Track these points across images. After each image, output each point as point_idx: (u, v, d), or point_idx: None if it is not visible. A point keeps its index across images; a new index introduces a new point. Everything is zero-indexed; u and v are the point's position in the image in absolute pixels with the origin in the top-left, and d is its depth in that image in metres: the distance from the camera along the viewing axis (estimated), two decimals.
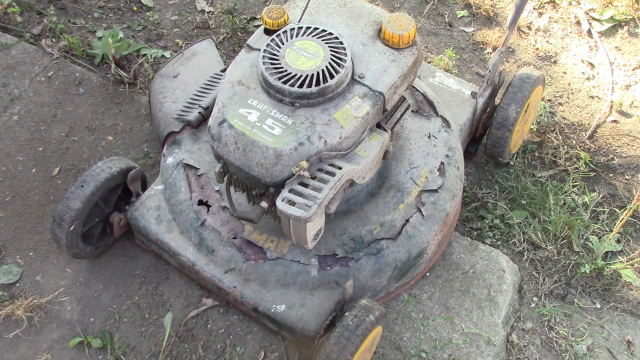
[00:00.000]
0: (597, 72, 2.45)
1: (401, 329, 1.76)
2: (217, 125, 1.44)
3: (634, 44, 2.53)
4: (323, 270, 1.63)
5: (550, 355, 1.77)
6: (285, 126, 1.40)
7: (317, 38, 1.50)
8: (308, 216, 1.31)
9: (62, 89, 2.31)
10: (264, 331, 1.75)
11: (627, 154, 2.21)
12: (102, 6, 2.61)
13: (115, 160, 1.75)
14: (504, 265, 1.87)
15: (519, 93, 1.93)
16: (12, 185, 2.05)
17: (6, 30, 2.47)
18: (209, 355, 1.72)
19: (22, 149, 2.14)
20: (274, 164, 1.39)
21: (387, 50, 1.53)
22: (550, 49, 2.53)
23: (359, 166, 1.44)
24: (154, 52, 2.42)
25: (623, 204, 2.08)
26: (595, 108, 2.34)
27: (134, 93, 2.31)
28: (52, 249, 1.90)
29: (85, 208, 1.66)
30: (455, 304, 1.80)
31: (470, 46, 2.54)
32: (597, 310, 1.87)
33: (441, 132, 1.87)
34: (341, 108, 1.43)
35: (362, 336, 1.44)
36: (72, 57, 2.40)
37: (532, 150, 2.21)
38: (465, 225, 2.03)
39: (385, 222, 1.69)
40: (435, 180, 1.78)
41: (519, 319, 1.84)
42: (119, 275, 1.84)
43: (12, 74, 2.33)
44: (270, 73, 1.44)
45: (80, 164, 2.11)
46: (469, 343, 1.74)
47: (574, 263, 1.93)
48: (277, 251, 1.65)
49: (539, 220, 2.01)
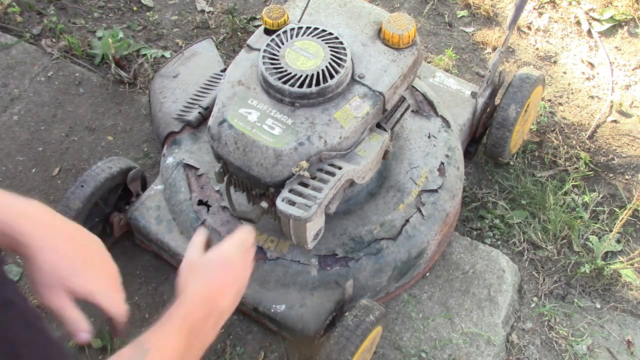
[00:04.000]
0: (597, 72, 2.45)
1: (401, 329, 1.76)
2: (217, 125, 1.44)
3: (634, 44, 2.53)
4: (323, 270, 1.63)
5: (550, 355, 1.78)
6: (285, 126, 1.40)
7: (317, 38, 1.50)
8: (308, 216, 1.31)
9: (62, 89, 2.31)
10: (264, 331, 1.75)
11: (627, 154, 2.21)
12: (102, 6, 2.61)
13: (115, 160, 1.75)
14: (504, 265, 1.88)
15: (519, 93, 1.93)
16: (12, 185, 2.05)
17: (6, 30, 2.47)
18: (209, 355, 1.72)
19: (22, 149, 2.14)
20: (274, 164, 1.39)
21: (387, 50, 1.53)
22: (550, 49, 2.53)
23: (359, 166, 1.44)
24: (154, 52, 2.42)
25: (623, 204, 2.08)
26: (595, 108, 2.34)
27: (134, 93, 2.31)
28: None
29: (85, 208, 1.66)
30: (455, 304, 1.80)
31: (470, 46, 2.54)
32: (597, 310, 1.87)
33: (441, 132, 1.87)
34: (341, 108, 1.43)
35: (362, 336, 1.44)
36: (72, 57, 2.40)
37: (532, 150, 2.21)
38: (465, 225, 2.03)
39: (385, 222, 1.69)
40: (435, 180, 1.78)
41: (519, 319, 1.84)
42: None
43: (12, 74, 2.33)
44: (270, 73, 1.44)
45: (80, 164, 2.11)
46: (469, 343, 1.74)
47: (574, 263, 1.93)
48: (277, 251, 1.65)
49: (539, 220, 2.01)
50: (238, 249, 1.12)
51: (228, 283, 1.07)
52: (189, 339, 0.97)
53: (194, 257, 1.09)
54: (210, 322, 1.02)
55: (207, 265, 1.07)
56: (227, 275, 1.07)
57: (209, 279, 1.05)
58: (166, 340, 0.94)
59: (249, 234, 1.16)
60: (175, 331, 0.96)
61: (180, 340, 0.95)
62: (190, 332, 0.97)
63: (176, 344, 0.95)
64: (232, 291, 1.07)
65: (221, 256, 1.09)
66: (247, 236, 1.15)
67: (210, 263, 1.08)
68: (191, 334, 0.97)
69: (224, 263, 1.08)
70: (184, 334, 0.96)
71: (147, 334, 0.94)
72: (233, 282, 1.08)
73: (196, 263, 1.08)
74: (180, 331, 0.96)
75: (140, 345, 0.92)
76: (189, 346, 0.96)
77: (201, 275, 1.06)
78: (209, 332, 1.02)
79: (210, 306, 1.02)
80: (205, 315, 1.01)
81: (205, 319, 1.01)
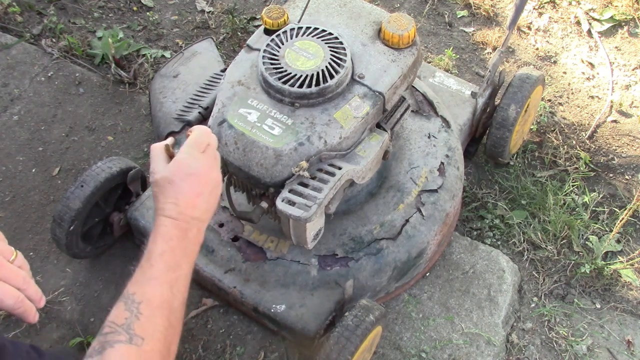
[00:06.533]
0: (597, 72, 2.45)
1: (401, 329, 1.76)
2: (217, 126, 1.44)
3: (634, 44, 2.53)
4: (323, 270, 1.63)
5: (550, 355, 1.77)
6: (285, 126, 1.40)
7: (317, 38, 1.50)
8: (308, 216, 1.31)
9: (62, 89, 2.31)
10: (264, 331, 1.75)
11: (627, 154, 2.21)
12: (102, 6, 2.61)
13: (115, 160, 1.75)
14: (504, 265, 1.88)
15: (519, 93, 1.93)
16: (12, 185, 2.05)
17: (6, 30, 2.47)
18: (209, 355, 1.72)
19: (22, 149, 2.14)
20: (274, 164, 1.39)
21: (387, 50, 1.53)
22: (550, 49, 2.53)
23: (359, 166, 1.44)
24: (154, 52, 2.42)
25: (623, 204, 2.08)
26: (595, 108, 2.34)
27: (134, 93, 2.31)
28: (52, 249, 1.90)
29: (85, 208, 1.66)
30: (455, 304, 1.80)
31: (470, 46, 2.54)
32: (597, 310, 1.87)
33: (441, 132, 1.87)
34: (341, 108, 1.43)
35: (362, 336, 1.44)
36: (72, 57, 2.40)
37: (532, 150, 2.21)
38: (465, 225, 2.03)
39: (385, 222, 1.69)
40: (435, 180, 1.78)
41: (519, 319, 1.84)
42: (119, 276, 1.84)
43: (12, 74, 2.33)
44: (270, 73, 1.44)
45: (80, 164, 2.11)
46: (469, 343, 1.74)
47: (574, 263, 1.93)
48: (277, 251, 1.65)
49: (539, 220, 2.01)
50: (195, 153, 1.15)
51: (195, 194, 1.11)
52: (174, 271, 1.03)
53: (158, 173, 1.13)
54: (191, 234, 1.09)
55: (171, 183, 1.11)
56: (192, 188, 1.11)
57: (175, 198, 1.09)
58: (152, 287, 1.01)
59: (200, 131, 1.19)
60: (158, 274, 1.02)
61: (164, 281, 1.02)
62: (172, 265, 1.03)
63: (162, 286, 1.02)
64: (202, 199, 1.12)
65: (181, 170, 1.12)
66: (199, 136, 1.19)
67: (172, 179, 1.11)
68: (174, 266, 1.04)
69: (186, 176, 1.11)
70: (167, 272, 1.03)
71: (133, 284, 1.00)
72: (200, 190, 1.12)
73: (162, 181, 1.11)
74: (163, 271, 1.02)
75: (130, 300, 0.98)
76: (175, 278, 1.03)
77: (167, 195, 1.10)
78: (193, 243, 1.09)
79: (184, 222, 1.08)
80: (182, 233, 1.07)
81: (184, 235, 1.07)
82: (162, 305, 1.01)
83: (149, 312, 0.98)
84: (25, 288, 0.98)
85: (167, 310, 1.01)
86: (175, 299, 1.03)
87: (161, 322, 1.00)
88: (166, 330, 1.00)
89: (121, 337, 0.94)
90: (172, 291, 1.03)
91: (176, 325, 1.03)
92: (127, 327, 0.95)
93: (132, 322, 0.96)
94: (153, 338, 0.97)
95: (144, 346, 0.95)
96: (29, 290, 0.99)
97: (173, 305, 1.03)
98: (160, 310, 1.00)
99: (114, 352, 0.93)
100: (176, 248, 1.06)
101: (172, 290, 1.03)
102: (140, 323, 0.96)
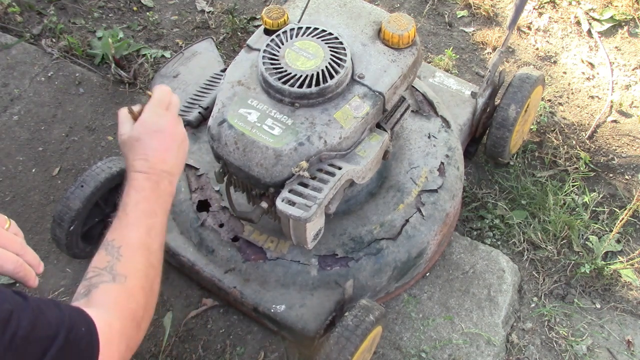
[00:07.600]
0: (597, 72, 2.45)
1: (401, 329, 1.76)
2: (217, 126, 1.44)
3: (634, 44, 2.53)
4: (323, 270, 1.63)
5: (550, 355, 1.78)
6: (285, 126, 1.40)
7: (317, 38, 1.50)
8: (308, 216, 1.31)
9: (62, 89, 2.31)
10: (264, 331, 1.75)
11: (627, 154, 2.21)
12: (102, 6, 2.61)
13: (115, 160, 1.75)
14: (504, 265, 1.88)
15: (519, 93, 1.93)
16: (12, 185, 2.05)
17: (6, 30, 2.47)
18: (209, 355, 1.72)
19: (22, 149, 2.14)
20: (274, 164, 1.39)
21: (387, 50, 1.53)
22: (550, 49, 2.53)
23: (359, 166, 1.44)
24: (154, 52, 2.42)
25: (623, 204, 2.08)
26: (595, 108, 2.34)
27: (134, 93, 2.31)
28: (52, 249, 1.90)
29: (85, 208, 1.66)
30: (455, 304, 1.80)
31: (470, 46, 2.54)
32: (597, 310, 1.87)
33: (441, 132, 1.87)
34: (341, 108, 1.43)
35: (362, 336, 1.44)
36: (72, 57, 2.40)
37: (532, 150, 2.21)
38: (465, 225, 2.03)
39: (385, 222, 1.69)
40: (435, 180, 1.78)
41: (519, 319, 1.84)
42: None
43: (12, 74, 2.33)
44: (270, 73, 1.44)
45: (80, 164, 2.11)
46: (469, 343, 1.74)
47: (574, 263, 1.93)
48: (277, 251, 1.65)
49: (539, 220, 2.01)
50: (159, 111, 1.21)
51: (164, 149, 1.17)
52: (149, 217, 1.10)
53: (125, 134, 1.19)
54: (162, 185, 1.15)
55: (139, 141, 1.16)
56: (161, 143, 1.17)
57: (144, 154, 1.15)
58: (130, 232, 1.07)
59: (162, 90, 1.24)
60: (134, 220, 1.09)
61: (141, 226, 1.08)
62: (147, 212, 1.10)
63: (140, 230, 1.08)
64: (171, 153, 1.18)
65: (148, 128, 1.18)
66: (160, 94, 1.24)
67: (140, 137, 1.17)
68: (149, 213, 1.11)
69: (153, 133, 1.17)
70: (143, 218, 1.09)
71: (112, 232, 1.06)
72: (168, 145, 1.18)
73: (129, 140, 1.17)
74: (139, 218, 1.09)
75: (110, 245, 1.04)
76: (151, 224, 1.10)
77: (136, 152, 1.16)
78: (165, 193, 1.16)
79: (155, 175, 1.14)
80: (154, 184, 1.13)
81: (155, 187, 1.14)
82: (141, 247, 1.06)
83: (129, 253, 1.04)
84: (23, 253, 1.00)
85: (146, 251, 1.07)
86: (153, 242, 1.09)
87: (141, 260, 1.05)
88: (147, 269, 1.05)
89: (105, 278, 0.99)
90: (149, 234, 1.09)
91: (156, 266, 1.09)
92: (110, 268, 1.00)
93: (114, 264, 1.01)
94: (135, 276, 1.02)
95: (127, 283, 1.00)
96: (27, 255, 1.01)
97: (152, 247, 1.08)
98: (140, 251, 1.06)
99: (100, 292, 0.98)
100: (150, 197, 1.12)
101: (149, 234, 1.09)
102: (121, 264, 1.01)
